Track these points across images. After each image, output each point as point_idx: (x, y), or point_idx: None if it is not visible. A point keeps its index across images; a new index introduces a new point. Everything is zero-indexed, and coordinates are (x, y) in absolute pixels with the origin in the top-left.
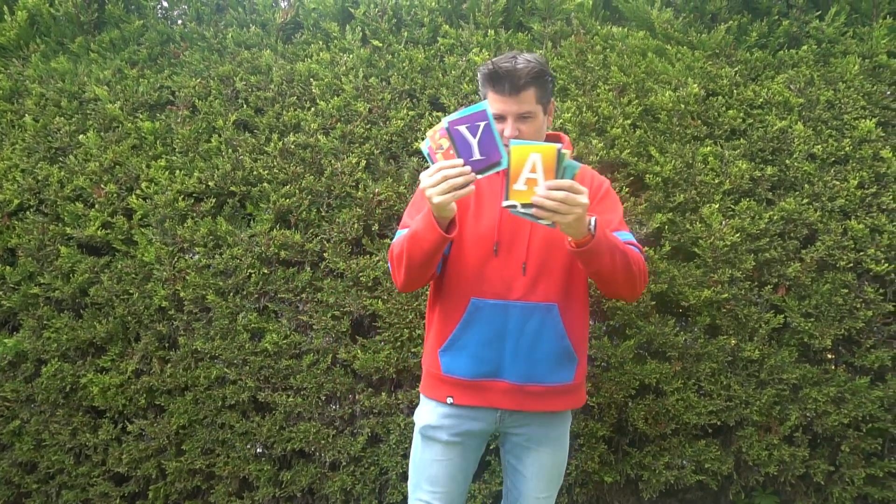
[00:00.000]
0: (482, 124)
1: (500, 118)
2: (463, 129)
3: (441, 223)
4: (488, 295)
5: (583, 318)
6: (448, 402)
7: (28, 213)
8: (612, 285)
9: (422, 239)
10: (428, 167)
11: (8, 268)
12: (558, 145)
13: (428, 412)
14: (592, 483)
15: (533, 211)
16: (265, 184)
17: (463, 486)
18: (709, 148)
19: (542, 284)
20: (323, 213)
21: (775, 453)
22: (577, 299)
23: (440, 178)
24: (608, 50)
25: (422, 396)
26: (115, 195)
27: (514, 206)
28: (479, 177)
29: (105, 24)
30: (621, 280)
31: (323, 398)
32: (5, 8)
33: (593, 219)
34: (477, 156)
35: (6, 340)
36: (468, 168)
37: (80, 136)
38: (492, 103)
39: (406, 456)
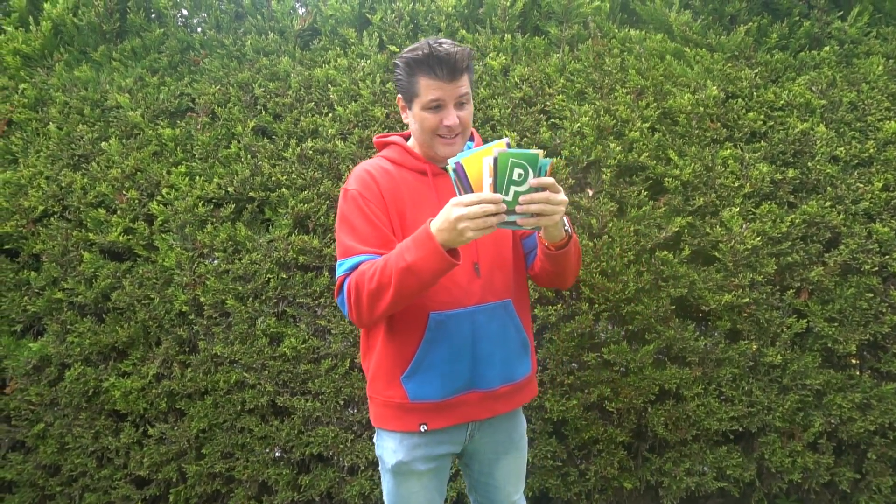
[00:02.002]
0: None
1: (437, 107)
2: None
3: (452, 254)
4: (447, 305)
5: (527, 306)
6: (422, 430)
7: (52, 219)
8: (562, 279)
9: (422, 270)
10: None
11: (33, 273)
12: (505, 139)
13: (395, 447)
14: (612, 489)
15: (517, 218)
16: (283, 189)
17: None
18: (728, 151)
19: (496, 282)
20: None
21: (799, 460)
22: (522, 289)
23: (481, 213)
24: (626, 53)
25: (381, 431)
26: (136, 201)
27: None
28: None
29: (127, 32)
30: (573, 273)
31: (341, 402)
32: (30, 18)
33: (564, 219)
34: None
35: (31, 345)
36: (504, 206)
37: (103, 144)
38: (427, 91)
39: None
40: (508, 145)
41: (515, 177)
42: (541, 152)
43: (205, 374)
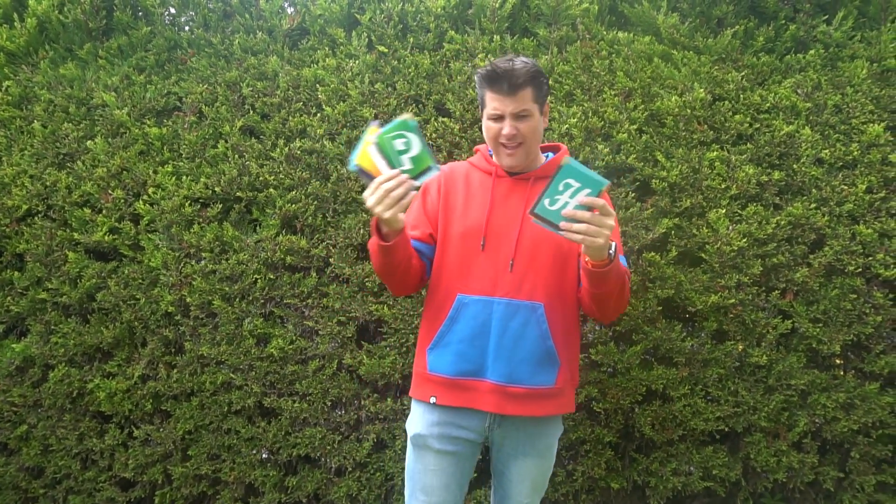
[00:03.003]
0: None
1: (499, 117)
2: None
3: (389, 234)
4: (474, 291)
5: (570, 322)
6: (431, 401)
7: (36, 218)
8: (601, 308)
9: (372, 251)
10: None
11: (16, 273)
12: (374, 122)
13: (417, 419)
14: (599, 489)
15: (562, 228)
16: (271, 189)
17: (457, 495)
18: (715, 153)
19: (528, 283)
20: (329, 219)
21: (784, 460)
22: (565, 302)
23: (383, 194)
24: (614, 55)
25: (412, 402)
26: (122, 201)
27: (540, 217)
28: (417, 183)
29: (113, 30)
30: (612, 306)
31: (328, 404)
32: (15, 15)
33: (613, 244)
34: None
35: (14, 345)
36: (405, 177)
37: (88, 142)
38: (490, 102)
39: None
40: (381, 125)
41: (401, 147)
42: (408, 116)
43: (191, 375)
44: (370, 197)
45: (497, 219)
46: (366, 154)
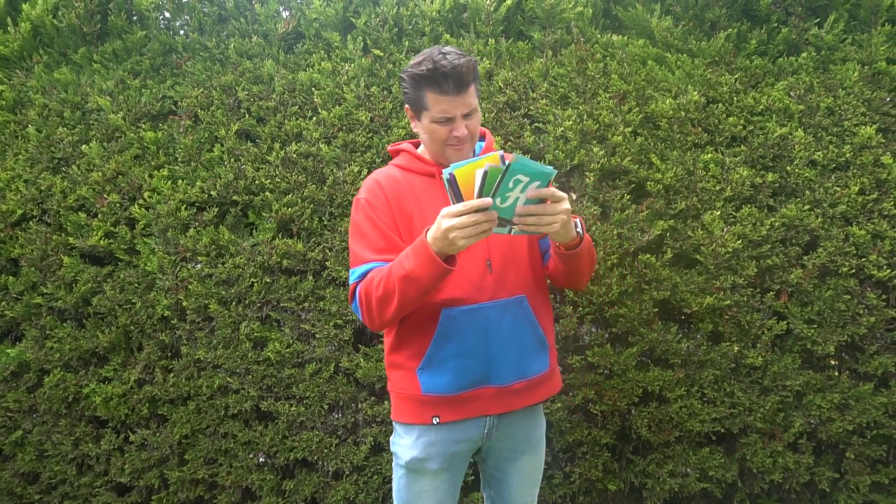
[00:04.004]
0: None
1: (447, 120)
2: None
3: (447, 260)
4: (459, 302)
5: (547, 303)
6: (434, 422)
7: (31, 223)
8: (574, 282)
9: (420, 276)
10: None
11: (11, 278)
12: (499, 152)
13: (411, 444)
14: (596, 491)
15: (517, 228)
16: (267, 193)
17: None
18: (710, 155)
19: (509, 278)
20: (325, 222)
21: (780, 460)
22: (539, 285)
23: (469, 222)
24: (608, 58)
25: (398, 426)
26: (117, 205)
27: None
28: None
29: (108, 34)
30: (586, 273)
31: (325, 407)
32: (9, 19)
33: (577, 221)
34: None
35: (9, 350)
36: (495, 214)
37: (83, 147)
38: (436, 105)
39: None
40: (503, 158)
41: (511, 185)
42: (548, 168)
43: (187, 379)
44: (453, 219)
45: None
46: (471, 172)
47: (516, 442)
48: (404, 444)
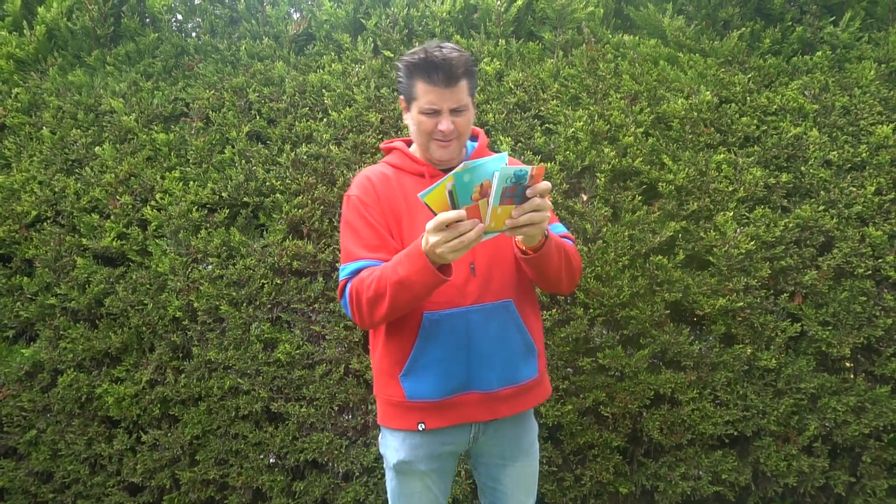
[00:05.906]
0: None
1: (434, 112)
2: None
3: (442, 269)
4: (441, 305)
5: (535, 308)
6: (420, 428)
7: (45, 224)
8: (553, 284)
9: (414, 284)
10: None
11: (25, 278)
12: (463, 163)
13: (398, 446)
14: (607, 494)
15: (508, 226)
16: (278, 194)
17: None
18: (722, 155)
19: (494, 282)
20: (335, 224)
21: (794, 464)
22: (527, 289)
23: (455, 235)
24: (619, 58)
25: (384, 429)
26: (130, 206)
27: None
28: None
29: (121, 37)
30: (564, 278)
31: (336, 408)
32: (24, 23)
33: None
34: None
35: (23, 350)
36: (478, 222)
37: (96, 148)
38: (424, 95)
39: None
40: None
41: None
42: (504, 158)
43: (198, 380)
44: (436, 235)
45: None
46: (441, 192)
47: (505, 448)
48: (392, 447)
